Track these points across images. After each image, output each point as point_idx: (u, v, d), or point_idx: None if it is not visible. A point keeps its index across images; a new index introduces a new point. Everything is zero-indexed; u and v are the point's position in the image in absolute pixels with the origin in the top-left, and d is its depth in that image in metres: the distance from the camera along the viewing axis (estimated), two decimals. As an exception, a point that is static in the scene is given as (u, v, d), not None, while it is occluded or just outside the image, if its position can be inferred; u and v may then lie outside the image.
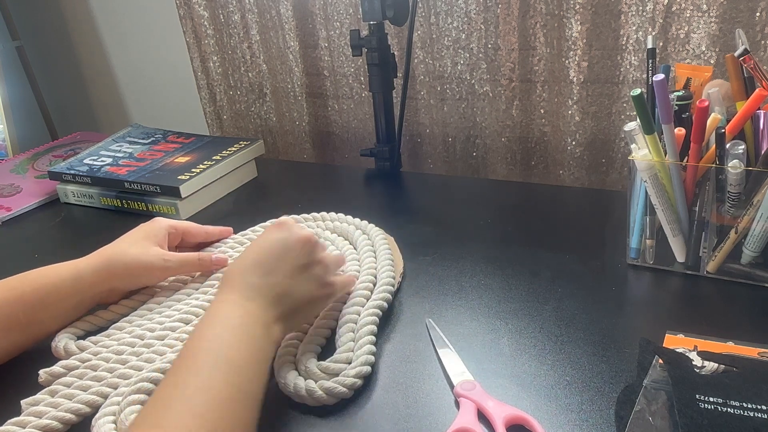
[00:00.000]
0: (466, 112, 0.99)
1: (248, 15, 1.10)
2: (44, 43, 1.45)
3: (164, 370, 0.52)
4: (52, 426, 0.49)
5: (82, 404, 0.51)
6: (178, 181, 0.87)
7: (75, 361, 0.55)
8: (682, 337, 0.52)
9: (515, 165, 0.99)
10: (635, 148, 0.60)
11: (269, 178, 1.00)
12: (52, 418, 0.49)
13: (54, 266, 0.61)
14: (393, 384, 0.51)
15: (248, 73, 1.16)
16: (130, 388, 0.50)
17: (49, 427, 0.49)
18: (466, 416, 0.46)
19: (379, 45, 0.88)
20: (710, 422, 0.41)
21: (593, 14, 0.84)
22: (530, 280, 0.64)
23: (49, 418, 0.49)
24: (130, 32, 1.33)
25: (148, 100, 1.39)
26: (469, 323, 0.58)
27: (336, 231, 0.73)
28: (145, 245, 0.64)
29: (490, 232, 0.75)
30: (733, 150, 0.56)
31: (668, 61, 0.82)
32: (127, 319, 0.62)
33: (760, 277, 0.59)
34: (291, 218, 0.59)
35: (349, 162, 1.13)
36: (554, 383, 0.50)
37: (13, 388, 0.54)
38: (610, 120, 0.90)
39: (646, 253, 0.64)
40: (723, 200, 0.58)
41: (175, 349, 0.56)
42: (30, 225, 0.91)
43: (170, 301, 0.64)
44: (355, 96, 1.08)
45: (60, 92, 1.49)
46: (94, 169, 0.94)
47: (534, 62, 0.91)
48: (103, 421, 0.48)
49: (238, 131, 1.22)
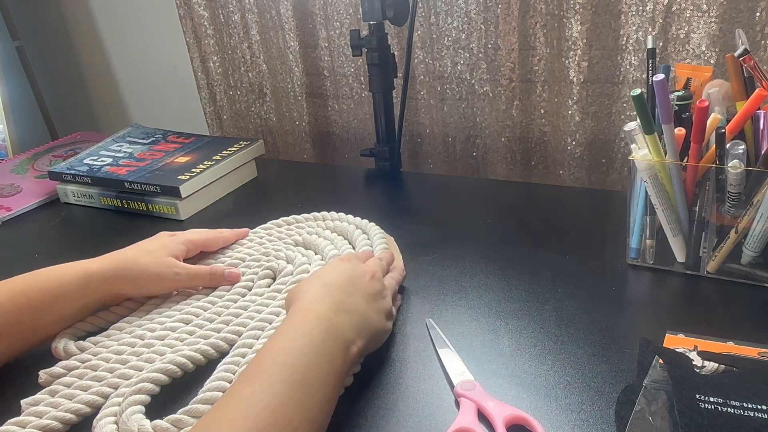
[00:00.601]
0: (466, 112, 0.99)
1: (248, 15, 1.10)
2: (44, 43, 1.45)
3: (165, 370, 0.52)
4: (52, 426, 0.49)
5: (83, 404, 0.50)
6: (178, 181, 0.87)
7: (75, 362, 0.55)
8: (682, 337, 0.52)
9: (515, 165, 0.99)
10: (635, 148, 0.60)
11: (269, 178, 1.00)
12: (53, 418, 0.49)
13: (62, 267, 0.60)
14: (393, 384, 0.51)
15: (248, 73, 1.16)
16: (131, 389, 0.50)
17: (49, 427, 0.49)
18: (466, 416, 0.46)
19: (379, 45, 0.88)
20: (710, 422, 0.41)
21: (593, 14, 0.84)
22: (530, 280, 0.64)
23: (49, 418, 0.49)
24: (130, 32, 1.33)
25: (148, 100, 1.39)
26: (469, 323, 0.58)
27: (336, 230, 0.73)
28: (158, 255, 0.64)
29: (490, 232, 0.75)
30: (733, 150, 0.56)
31: (668, 61, 0.82)
32: (127, 319, 0.62)
33: (760, 277, 0.59)
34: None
35: (349, 162, 1.13)
36: (554, 383, 0.50)
37: (13, 388, 0.54)
38: (610, 120, 0.90)
39: (646, 253, 0.64)
40: (723, 200, 0.58)
41: (175, 349, 0.56)
42: (30, 225, 0.91)
43: (170, 302, 0.64)
44: (355, 96, 1.08)
45: (60, 92, 1.49)
46: (94, 169, 0.94)
47: (534, 62, 0.91)
48: (105, 421, 0.48)
49: (238, 131, 1.22)
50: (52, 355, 0.58)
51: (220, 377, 0.51)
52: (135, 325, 0.60)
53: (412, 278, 0.66)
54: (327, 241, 0.71)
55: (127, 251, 0.64)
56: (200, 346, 0.56)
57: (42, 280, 0.58)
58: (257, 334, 0.57)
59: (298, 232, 0.74)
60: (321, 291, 0.50)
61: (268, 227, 0.77)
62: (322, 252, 0.68)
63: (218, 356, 0.56)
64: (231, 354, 0.55)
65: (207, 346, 0.56)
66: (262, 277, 0.66)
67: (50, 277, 0.59)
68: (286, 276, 0.65)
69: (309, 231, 0.74)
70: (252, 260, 0.69)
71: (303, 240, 0.72)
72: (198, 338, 0.57)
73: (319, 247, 0.69)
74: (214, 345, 0.56)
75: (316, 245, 0.70)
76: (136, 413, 0.48)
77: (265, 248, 0.72)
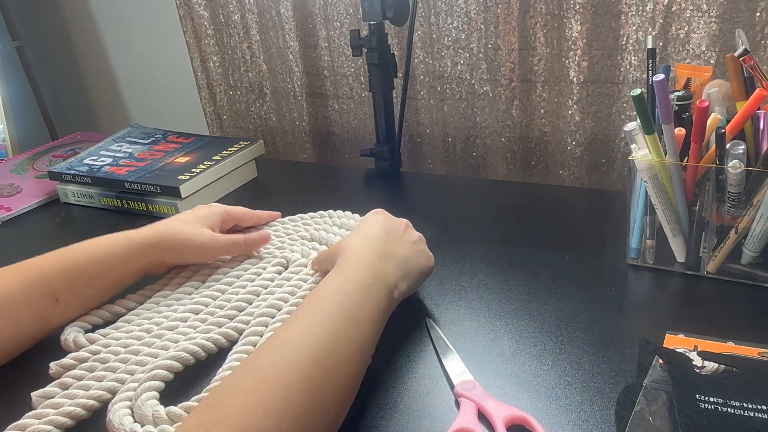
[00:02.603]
0: (466, 112, 0.99)
1: (248, 15, 1.10)
2: (44, 43, 1.45)
3: (179, 357, 0.53)
4: (76, 413, 0.49)
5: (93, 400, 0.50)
6: (178, 181, 0.87)
7: (85, 353, 0.56)
8: (682, 337, 0.52)
9: (515, 165, 0.99)
10: (635, 148, 0.60)
11: (269, 178, 1.00)
12: (75, 405, 0.49)
13: (107, 237, 0.63)
14: (393, 384, 0.51)
15: (248, 73, 1.16)
16: (146, 375, 0.51)
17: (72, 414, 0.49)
18: (466, 416, 0.46)
19: (379, 45, 0.88)
20: (710, 422, 0.41)
21: (593, 14, 0.84)
22: (530, 280, 0.64)
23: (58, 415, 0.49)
24: (130, 32, 1.33)
25: (148, 100, 1.39)
26: (469, 323, 0.58)
27: (343, 227, 0.74)
28: (198, 227, 0.67)
29: (490, 232, 0.75)
30: (733, 150, 0.56)
31: (668, 61, 0.82)
32: (135, 312, 0.62)
33: (760, 277, 0.59)
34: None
35: (349, 162, 1.13)
36: (554, 383, 0.50)
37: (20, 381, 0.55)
38: (610, 120, 0.90)
39: (646, 253, 0.64)
40: (723, 200, 0.58)
41: (188, 336, 0.56)
42: (30, 225, 0.91)
43: (178, 294, 0.64)
44: (355, 96, 1.08)
45: (60, 92, 1.49)
46: (94, 169, 0.94)
47: (534, 62, 0.91)
48: (119, 406, 0.49)
49: (238, 131, 1.22)
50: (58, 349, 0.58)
51: (232, 366, 0.52)
52: (143, 318, 0.61)
53: (412, 278, 0.66)
54: (337, 236, 0.71)
55: (169, 222, 0.67)
56: (212, 334, 0.56)
57: (89, 250, 0.62)
58: (266, 321, 0.57)
59: (305, 228, 0.75)
60: (364, 242, 0.56)
61: (274, 224, 0.77)
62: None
63: (230, 345, 0.56)
64: (241, 342, 0.55)
65: (219, 334, 0.56)
66: (275, 265, 0.67)
67: (97, 246, 0.62)
68: (299, 266, 0.66)
69: (316, 227, 0.74)
70: (266, 253, 0.70)
71: (311, 235, 0.72)
72: (210, 326, 0.58)
73: (330, 242, 0.70)
74: (225, 334, 0.57)
75: (326, 240, 0.71)
76: (150, 399, 0.49)
77: (281, 241, 0.73)
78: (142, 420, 0.47)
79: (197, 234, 0.66)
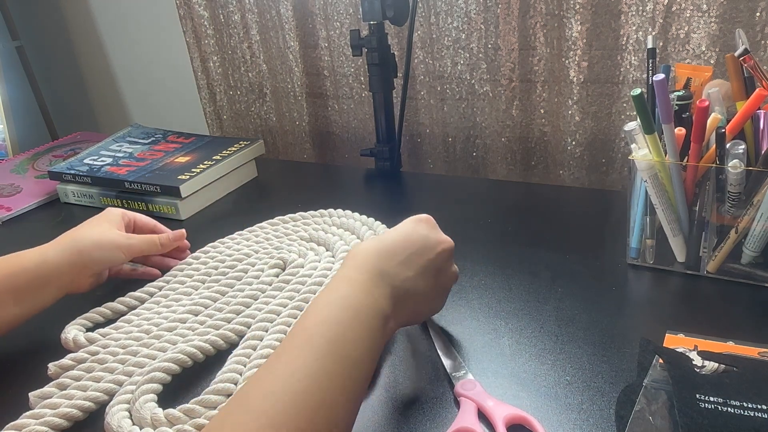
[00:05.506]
0: (466, 112, 0.99)
1: (248, 15, 1.10)
2: (44, 43, 1.45)
3: (176, 359, 0.53)
4: (72, 414, 0.49)
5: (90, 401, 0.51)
6: (178, 181, 0.87)
7: (84, 354, 0.56)
8: (682, 336, 0.52)
9: (515, 165, 0.99)
10: (635, 148, 0.60)
11: (269, 178, 1.00)
12: (71, 406, 0.49)
13: (17, 253, 0.62)
14: (393, 384, 0.52)
15: (248, 73, 1.16)
16: (144, 377, 0.51)
17: (68, 415, 0.49)
18: (466, 416, 0.46)
19: (379, 45, 0.88)
20: (710, 422, 0.41)
21: (593, 14, 0.84)
22: (530, 280, 0.64)
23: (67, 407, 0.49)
24: (130, 32, 1.33)
25: (148, 100, 1.39)
26: (469, 323, 0.58)
27: (343, 227, 0.74)
28: (106, 227, 0.67)
29: (490, 232, 0.75)
30: (733, 150, 0.56)
31: (668, 61, 0.82)
32: (135, 312, 0.62)
33: (760, 277, 0.59)
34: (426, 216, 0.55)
35: (349, 162, 1.13)
36: (554, 383, 0.50)
37: (18, 381, 0.55)
38: (610, 120, 0.90)
39: (646, 253, 0.64)
40: (723, 200, 0.58)
41: (186, 338, 0.56)
42: (30, 225, 0.91)
43: (178, 294, 0.64)
44: (355, 96, 1.08)
45: (60, 92, 1.49)
46: (94, 169, 0.94)
47: (534, 62, 0.91)
48: (117, 408, 0.49)
49: (238, 131, 1.22)
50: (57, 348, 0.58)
51: (232, 369, 0.52)
52: (143, 318, 0.61)
53: (412, 278, 0.66)
54: (336, 236, 0.71)
55: (76, 229, 0.66)
56: (210, 336, 0.56)
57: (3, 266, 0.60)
58: (266, 326, 0.57)
59: (304, 228, 0.75)
60: (372, 256, 0.48)
61: (275, 222, 0.77)
62: (332, 247, 0.69)
63: (227, 347, 0.56)
64: (241, 346, 0.55)
65: (216, 336, 0.56)
66: (272, 267, 0.67)
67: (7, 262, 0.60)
68: (297, 267, 0.66)
69: (315, 227, 0.74)
70: (264, 253, 0.70)
71: (310, 235, 0.72)
72: (208, 328, 0.58)
73: (328, 242, 0.70)
74: (223, 336, 0.57)
75: (325, 240, 0.71)
76: (149, 401, 0.49)
77: (280, 242, 0.73)
78: (141, 422, 0.47)
79: (107, 232, 0.66)
